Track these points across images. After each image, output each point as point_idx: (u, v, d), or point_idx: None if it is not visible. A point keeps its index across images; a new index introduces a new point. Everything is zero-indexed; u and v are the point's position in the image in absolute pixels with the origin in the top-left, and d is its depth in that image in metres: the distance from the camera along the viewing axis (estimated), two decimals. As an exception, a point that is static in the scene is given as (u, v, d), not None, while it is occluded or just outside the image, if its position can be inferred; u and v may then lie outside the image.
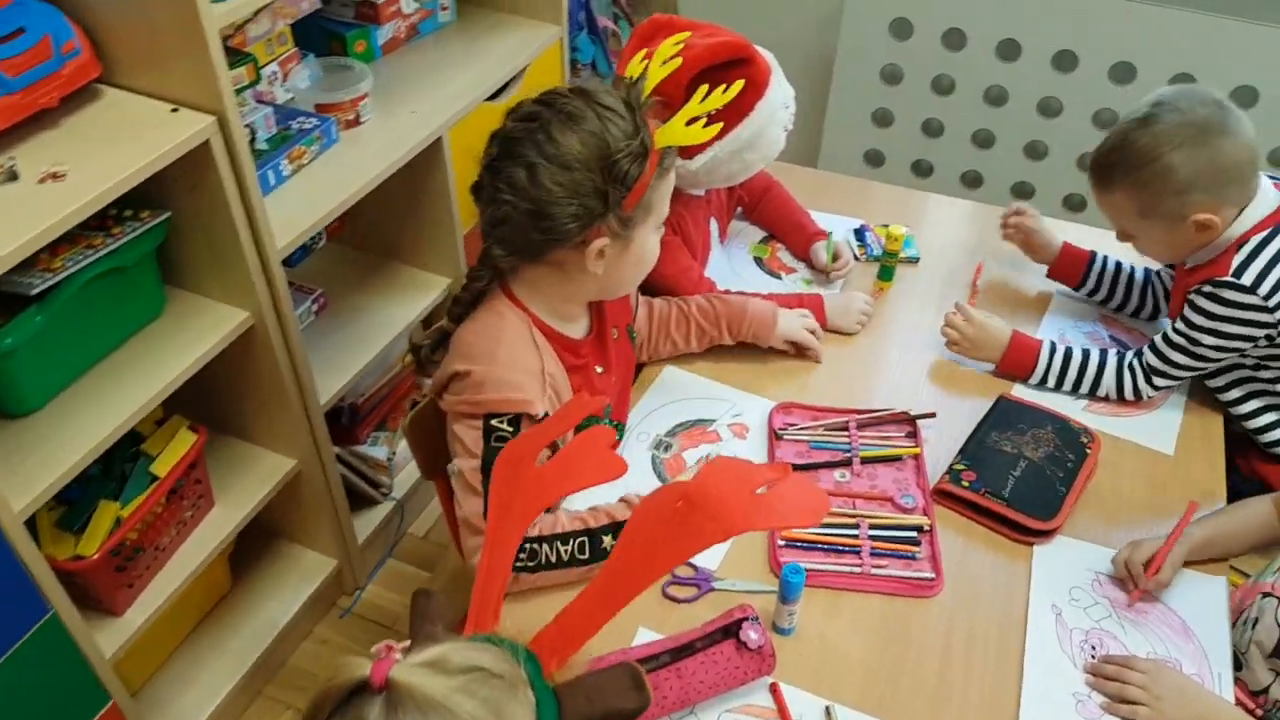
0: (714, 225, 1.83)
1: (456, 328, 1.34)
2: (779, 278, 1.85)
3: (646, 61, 1.35)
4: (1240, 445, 1.60)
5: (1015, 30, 2.54)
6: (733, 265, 1.87)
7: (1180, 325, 1.51)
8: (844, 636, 1.26)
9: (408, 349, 1.45)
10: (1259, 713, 1.25)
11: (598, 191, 1.20)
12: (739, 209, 1.95)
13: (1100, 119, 2.58)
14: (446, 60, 2.08)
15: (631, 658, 1.14)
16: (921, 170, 2.86)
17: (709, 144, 1.53)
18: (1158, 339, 1.55)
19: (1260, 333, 1.45)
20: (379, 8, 1.99)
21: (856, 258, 1.88)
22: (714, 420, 1.54)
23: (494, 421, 1.24)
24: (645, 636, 1.23)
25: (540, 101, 1.23)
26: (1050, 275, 1.82)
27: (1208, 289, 1.46)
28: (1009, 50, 2.58)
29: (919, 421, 1.53)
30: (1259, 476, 1.59)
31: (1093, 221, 2.62)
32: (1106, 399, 1.60)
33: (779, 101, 1.58)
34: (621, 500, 1.33)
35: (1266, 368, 1.53)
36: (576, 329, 1.38)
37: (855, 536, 1.36)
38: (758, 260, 1.89)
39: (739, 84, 1.39)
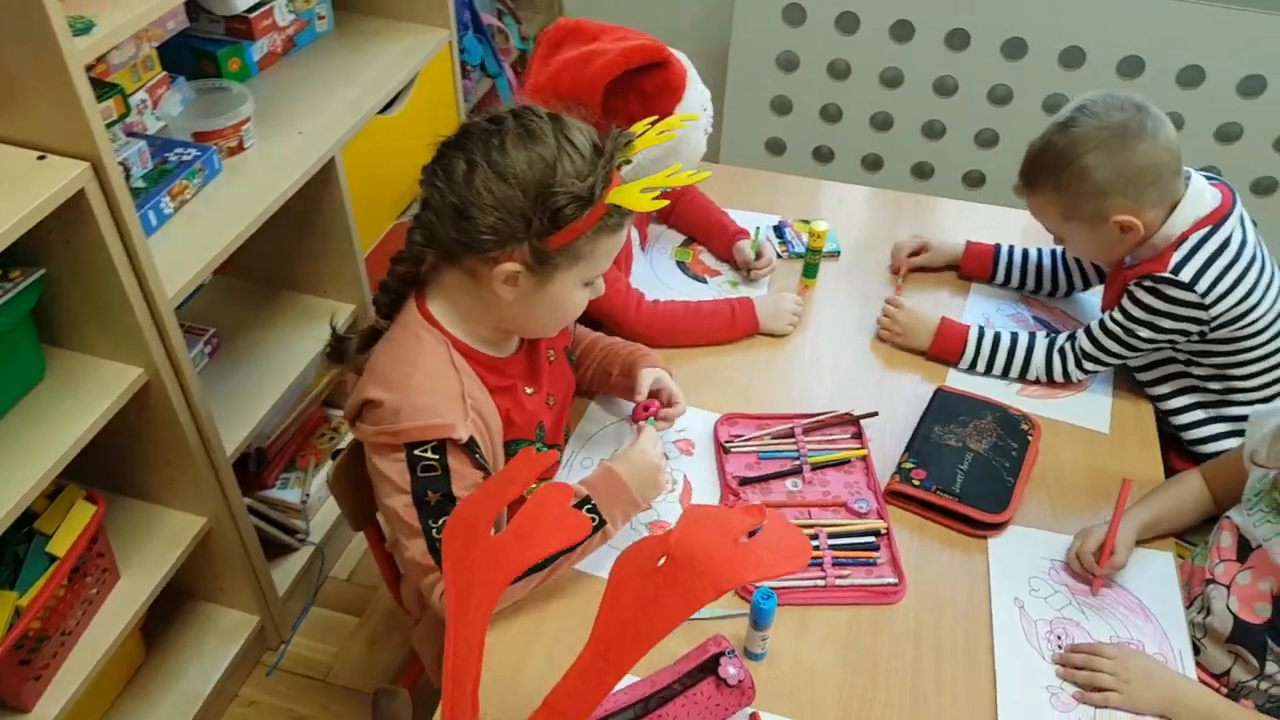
0: (634, 233, 1.77)
1: (383, 324, 1.28)
2: (704, 281, 1.80)
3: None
4: (1161, 444, 1.63)
5: (908, 12, 2.56)
6: (656, 272, 1.82)
7: (1118, 315, 1.53)
8: (816, 655, 1.23)
9: (326, 344, 1.34)
10: (1223, 692, 1.28)
11: (523, 215, 1.13)
12: (654, 214, 1.90)
13: (995, 95, 2.63)
14: (330, 73, 1.96)
15: (613, 706, 1.09)
16: (822, 156, 2.86)
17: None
18: (1093, 325, 1.57)
19: (1195, 328, 1.48)
20: (251, 22, 1.85)
21: (779, 255, 1.85)
22: (662, 436, 1.49)
23: (417, 451, 1.17)
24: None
25: (512, 111, 1.18)
26: (961, 276, 1.84)
27: (1148, 283, 1.48)
28: (902, 32, 2.59)
29: (862, 421, 1.51)
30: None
31: (990, 199, 2.70)
32: (1037, 382, 1.61)
33: (697, 104, 1.53)
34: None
35: (1197, 364, 1.56)
36: (501, 348, 1.31)
37: (816, 548, 1.33)
38: (680, 264, 1.84)
39: (687, 117, 1.33)
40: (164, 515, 1.68)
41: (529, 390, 1.34)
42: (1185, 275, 1.45)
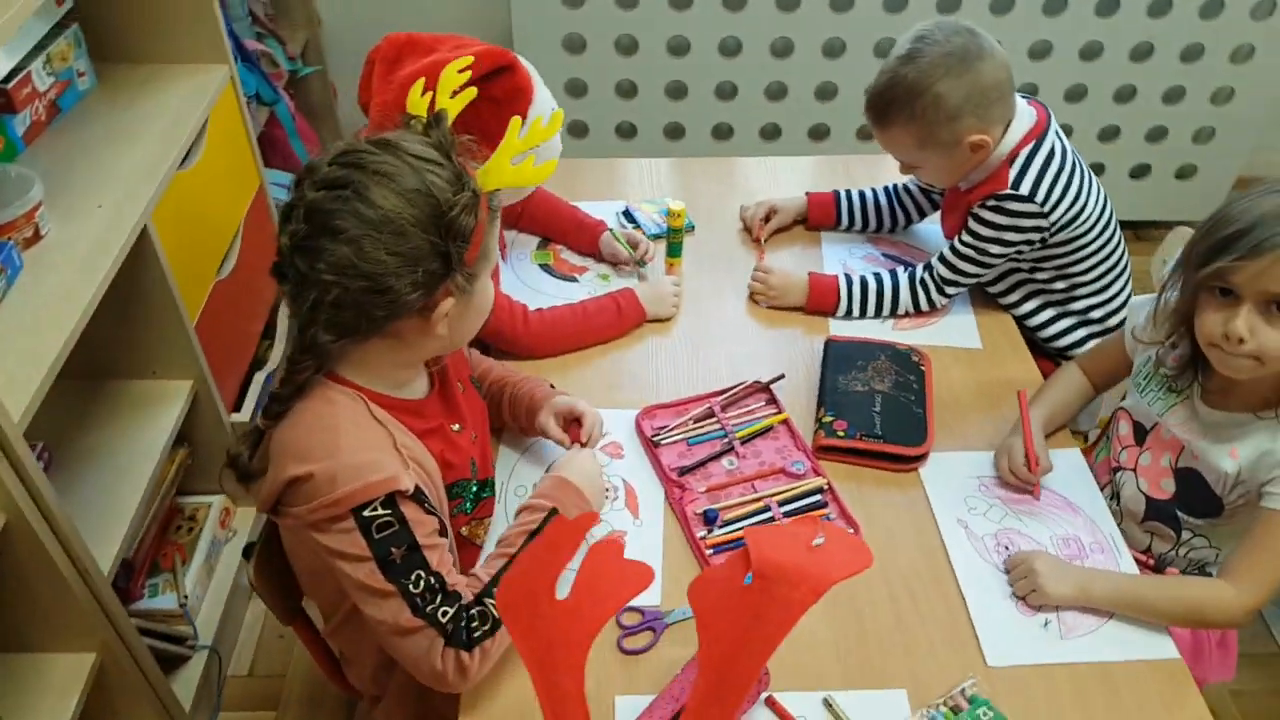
0: (492, 245, 1.71)
1: (267, 423, 1.15)
2: (575, 280, 1.78)
3: (430, 95, 1.21)
4: None
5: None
6: (523, 279, 1.77)
7: (967, 238, 1.64)
8: (803, 626, 1.22)
9: (220, 470, 1.22)
10: (1150, 562, 1.42)
11: (438, 253, 1.07)
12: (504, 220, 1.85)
13: (775, 49, 2.72)
14: (109, 134, 1.75)
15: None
16: (624, 132, 2.87)
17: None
18: (945, 252, 1.68)
19: (1037, 236, 1.61)
20: (10, 93, 1.62)
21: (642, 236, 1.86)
22: (586, 444, 1.46)
23: (366, 513, 1.08)
24: (628, 705, 1.16)
25: (343, 163, 1.07)
26: (809, 227, 1.92)
27: (991, 203, 1.59)
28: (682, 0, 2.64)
29: (772, 386, 1.55)
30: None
31: (786, 150, 2.83)
32: (907, 314, 1.71)
33: (547, 106, 1.49)
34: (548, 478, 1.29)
35: (1040, 269, 1.70)
36: (415, 390, 1.24)
37: (772, 519, 1.36)
38: (544, 267, 1.80)
39: (558, 115, 1.29)
40: (50, 663, 1.47)
41: (455, 428, 1.28)
42: (1024, 188, 1.57)
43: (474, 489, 1.30)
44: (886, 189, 1.91)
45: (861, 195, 1.90)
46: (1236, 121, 2.91)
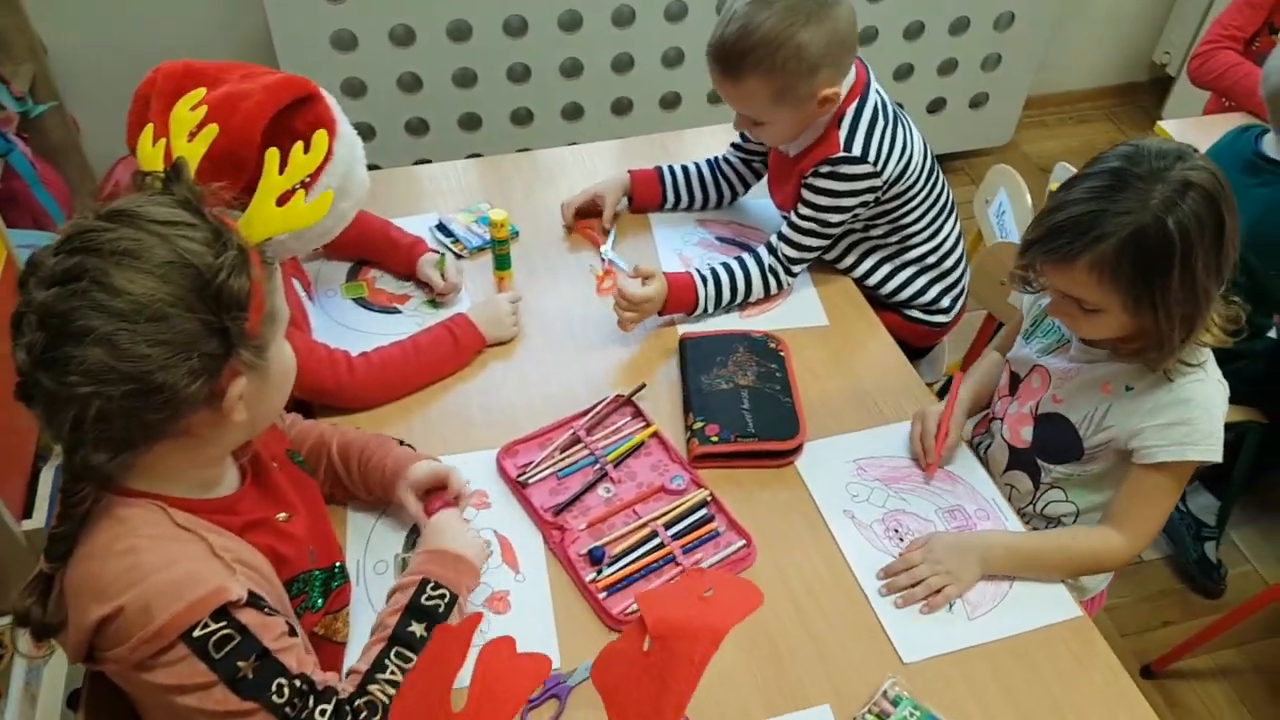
0: (296, 285, 1.52)
1: (51, 565, 0.95)
2: (397, 311, 1.61)
3: (165, 141, 1.02)
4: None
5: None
6: (337, 319, 1.59)
7: (805, 210, 1.59)
8: (719, 659, 1.14)
9: (12, 620, 1.00)
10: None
11: (212, 330, 0.90)
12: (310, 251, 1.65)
13: (563, 23, 2.59)
14: None
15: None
16: (414, 129, 2.67)
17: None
18: (785, 230, 1.63)
19: (872, 196, 1.58)
20: None
21: (459, 255, 1.70)
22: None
23: (197, 633, 0.91)
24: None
25: (71, 249, 0.87)
26: (635, 210, 1.82)
27: (825, 169, 1.54)
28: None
29: (635, 399, 1.46)
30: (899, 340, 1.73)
31: (591, 129, 2.72)
32: (757, 302, 1.66)
33: (351, 135, 1.32)
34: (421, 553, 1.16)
35: (874, 226, 1.68)
36: (225, 485, 1.06)
37: (661, 545, 1.27)
38: (359, 301, 1.62)
39: (321, 137, 1.11)
40: None
41: (282, 517, 1.11)
42: (856, 149, 1.53)
43: (319, 580, 1.14)
44: (708, 161, 1.84)
45: (685, 170, 1.83)
46: (1021, 45, 3.04)
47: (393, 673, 1.04)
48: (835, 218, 1.58)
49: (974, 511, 1.35)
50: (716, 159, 1.84)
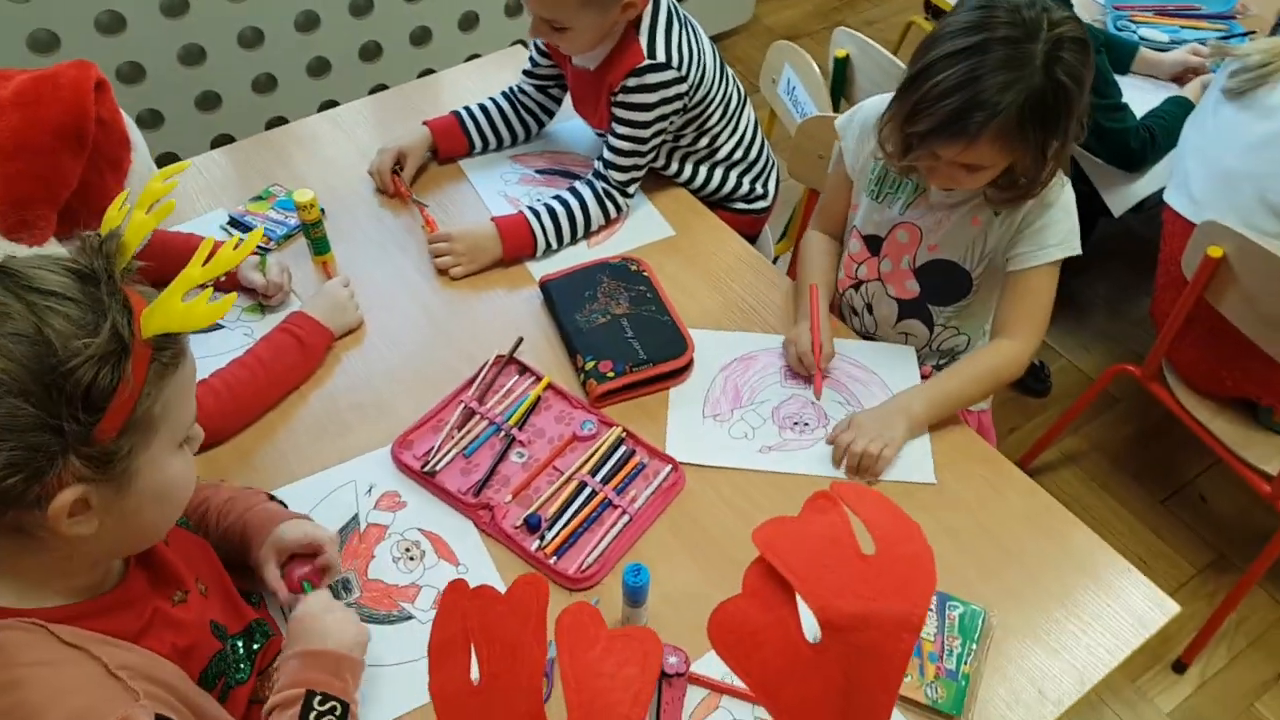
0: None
1: None
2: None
3: (128, 209, 0.84)
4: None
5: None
6: (156, 353, 1.39)
7: (622, 130, 1.54)
8: (680, 583, 1.17)
9: None
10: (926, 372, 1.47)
11: (43, 425, 0.75)
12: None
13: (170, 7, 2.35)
14: None
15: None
16: (144, 122, 2.35)
17: None
18: (608, 155, 1.57)
19: (681, 102, 1.54)
20: None
21: (265, 249, 1.53)
22: (356, 514, 1.22)
23: None
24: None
25: None
26: (440, 160, 1.71)
27: (633, 81, 1.49)
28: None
29: (517, 355, 1.38)
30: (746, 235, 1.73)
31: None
32: (599, 230, 1.60)
33: (141, 140, 1.15)
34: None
35: (683, 134, 1.64)
36: (107, 579, 0.91)
37: (594, 493, 1.23)
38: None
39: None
40: None
41: (177, 597, 0.97)
42: (660, 55, 1.49)
43: (240, 649, 1.01)
44: (504, 95, 1.74)
45: (484, 109, 1.72)
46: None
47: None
48: (651, 130, 1.54)
49: (856, 386, 1.39)
50: (513, 89, 1.74)
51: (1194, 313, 1.68)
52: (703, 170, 1.71)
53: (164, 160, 2.40)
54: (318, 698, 0.96)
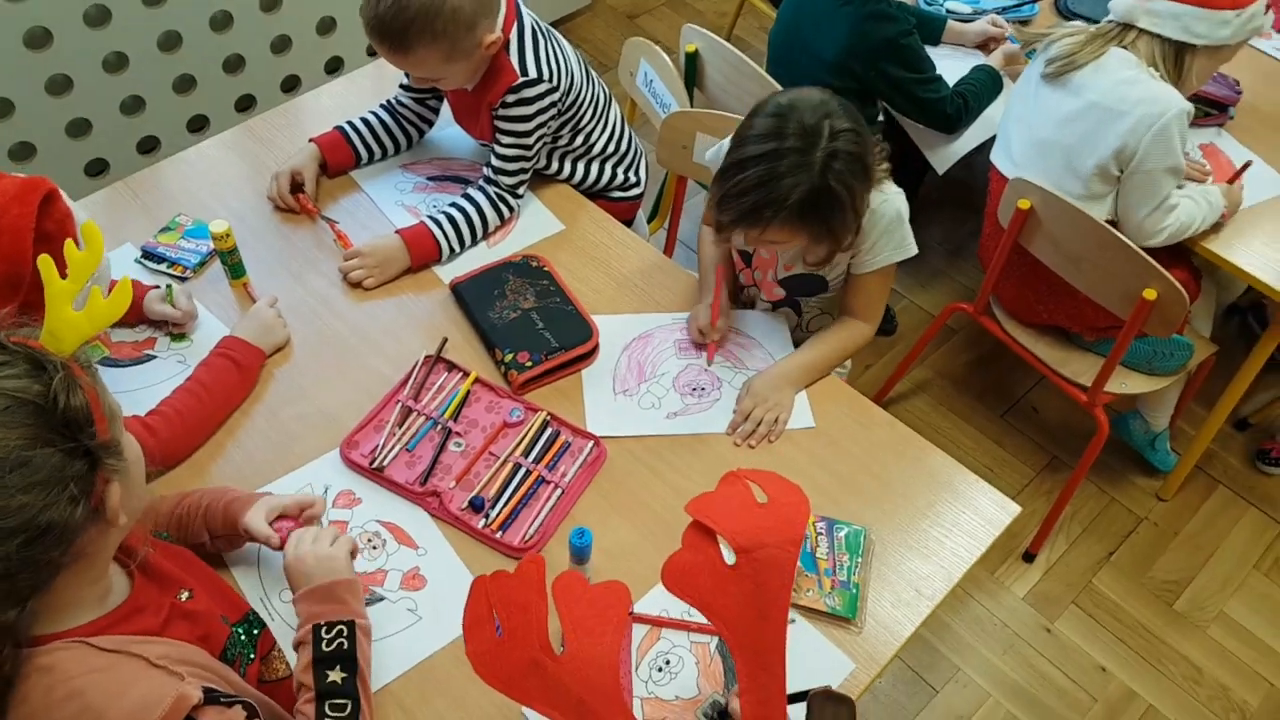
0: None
1: None
2: (151, 357, 1.52)
3: None
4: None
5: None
6: (93, 388, 1.47)
7: (506, 140, 1.69)
8: (617, 540, 1.36)
9: None
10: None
11: (73, 454, 0.89)
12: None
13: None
14: None
15: None
16: (18, 155, 2.33)
17: None
18: (494, 161, 1.72)
19: (555, 110, 1.70)
20: None
21: (183, 277, 1.62)
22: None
23: None
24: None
25: None
26: (331, 175, 1.82)
27: (511, 98, 1.64)
28: None
29: (444, 356, 1.53)
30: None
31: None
32: (495, 230, 1.75)
33: (80, 214, 1.24)
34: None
35: (560, 135, 1.80)
36: (117, 592, 1.05)
37: (528, 473, 1.40)
38: (105, 362, 1.51)
39: (91, 229, 1.04)
40: None
41: (184, 596, 1.10)
42: (532, 71, 1.64)
43: (242, 635, 1.15)
44: (384, 106, 1.85)
45: (365, 122, 1.83)
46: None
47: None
48: (534, 138, 1.70)
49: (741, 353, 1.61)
50: (391, 102, 1.85)
51: (1012, 256, 1.97)
52: (580, 166, 1.87)
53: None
54: (322, 627, 1.12)
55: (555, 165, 1.84)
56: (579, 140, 1.84)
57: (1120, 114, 1.75)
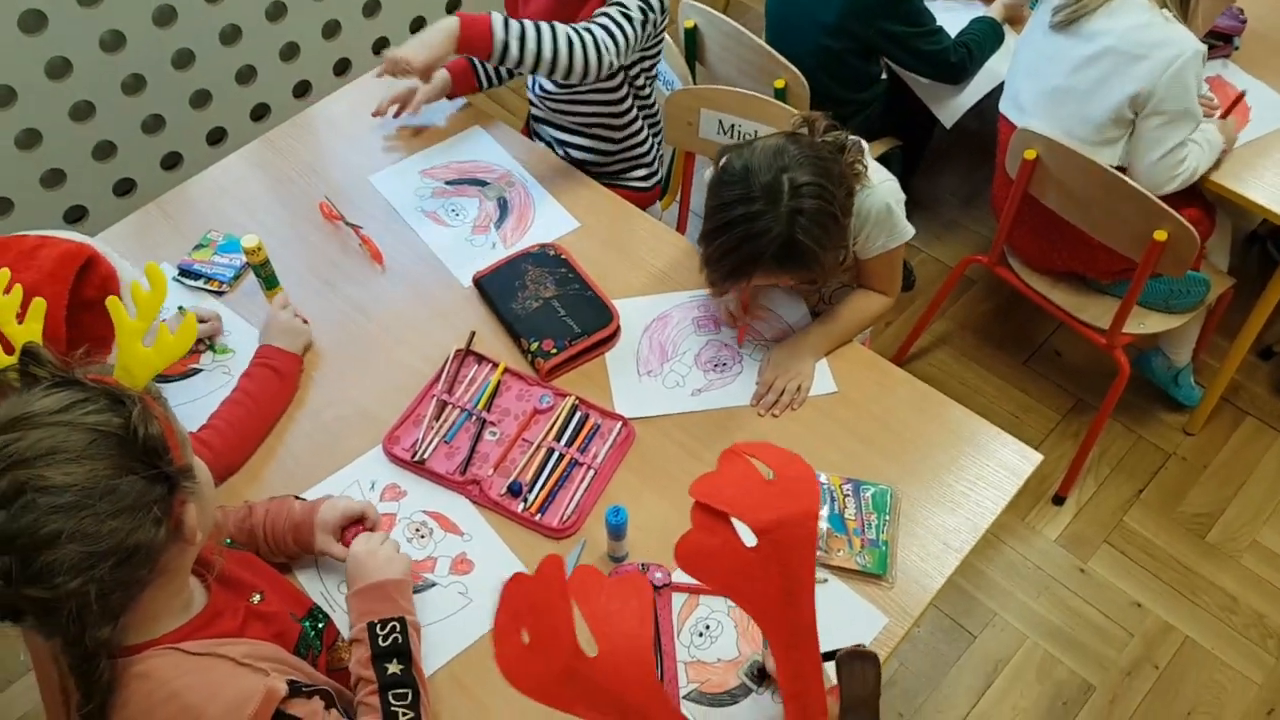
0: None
1: None
2: (198, 371, 1.59)
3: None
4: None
5: None
6: (145, 405, 1.55)
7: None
8: (653, 515, 1.41)
9: None
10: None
11: (155, 480, 0.96)
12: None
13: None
14: None
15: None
16: (49, 182, 2.41)
17: None
18: (613, 9, 1.68)
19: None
20: None
21: (219, 292, 1.69)
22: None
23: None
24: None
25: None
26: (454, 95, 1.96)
27: None
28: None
29: (472, 348, 1.59)
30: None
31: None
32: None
33: (128, 272, 1.31)
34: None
35: (643, 65, 1.87)
36: (198, 601, 1.12)
37: (562, 456, 1.46)
38: (158, 380, 1.58)
39: (155, 271, 1.11)
40: None
41: (256, 599, 1.18)
42: None
43: (310, 630, 1.23)
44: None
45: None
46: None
47: (405, 713, 1.16)
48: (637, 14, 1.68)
49: (792, 322, 1.66)
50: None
51: (1023, 205, 1.99)
52: (640, 119, 1.95)
53: (71, 214, 2.47)
54: (377, 625, 1.19)
55: (627, 103, 1.90)
56: (644, 81, 1.91)
57: (1137, 58, 1.76)
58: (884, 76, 2.36)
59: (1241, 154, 1.97)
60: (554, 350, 1.56)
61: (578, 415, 1.51)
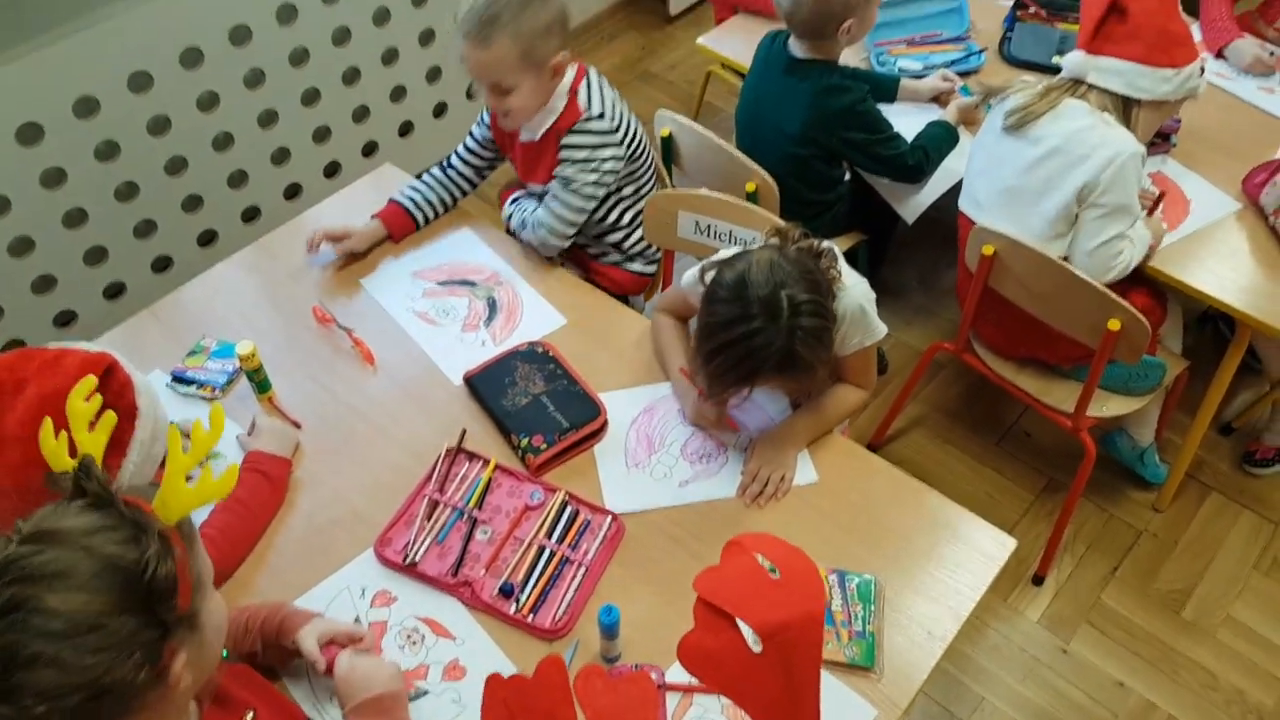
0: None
1: None
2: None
3: (65, 432, 1.04)
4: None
5: None
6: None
7: (568, 171, 1.88)
8: (645, 613, 1.43)
9: None
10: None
11: (148, 623, 0.96)
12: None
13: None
14: None
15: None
16: (39, 287, 2.45)
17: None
18: (550, 202, 1.91)
19: (615, 158, 1.89)
20: None
21: (212, 398, 1.72)
22: (357, 617, 1.44)
23: None
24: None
25: (5, 580, 0.91)
26: (397, 240, 2.01)
27: (575, 132, 1.85)
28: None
29: (462, 446, 1.63)
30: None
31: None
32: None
33: (143, 382, 1.37)
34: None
35: (621, 186, 2.01)
36: None
37: (553, 554, 1.49)
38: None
39: (218, 412, 1.18)
40: None
41: (249, 716, 1.18)
42: (597, 108, 1.86)
43: None
44: (439, 170, 2.05)
45: (416, 190, 2.02)
46: None
47: None
48: (591, 177, 1.88)
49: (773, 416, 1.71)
50: (444, 163, 2.06)
51: (984, 297, 2.09)
52: (628, 216, 2.09)
53: (60, 319, 2.51)
54: None
55: (611, 220, 2.05)
56: (627, 190, 2.06)
57: (1081, 156, 1.88)
58: (847, 178, 2.47)
59: (1185, 245, 2.08)
60: (544, 445, 1.60)
61: (568, 511, 1.55)
